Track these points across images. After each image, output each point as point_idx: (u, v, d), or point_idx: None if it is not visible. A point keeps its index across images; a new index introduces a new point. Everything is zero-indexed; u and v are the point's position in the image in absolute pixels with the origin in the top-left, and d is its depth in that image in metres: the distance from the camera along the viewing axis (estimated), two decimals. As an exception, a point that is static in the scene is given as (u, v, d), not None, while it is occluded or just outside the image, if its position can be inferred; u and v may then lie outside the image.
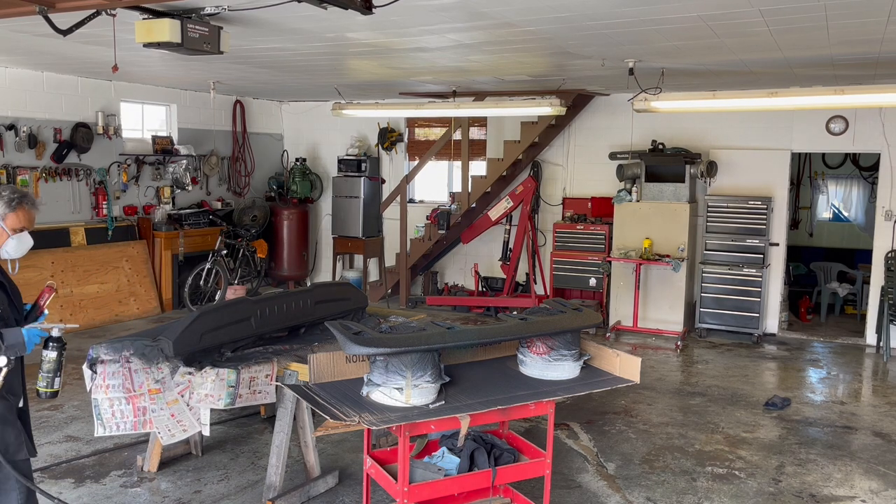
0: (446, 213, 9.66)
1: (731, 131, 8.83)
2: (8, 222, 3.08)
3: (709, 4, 4.25)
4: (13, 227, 3.09)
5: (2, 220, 3.07)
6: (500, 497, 4.03)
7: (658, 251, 8.51)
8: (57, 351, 3.08)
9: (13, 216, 3.08)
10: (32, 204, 3.15)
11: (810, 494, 4.60)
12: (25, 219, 3.12)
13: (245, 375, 4.08)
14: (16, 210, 3.08)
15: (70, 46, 6.08)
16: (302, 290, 4.89)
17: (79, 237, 8.63)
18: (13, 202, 3.07)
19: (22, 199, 3.10)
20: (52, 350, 3.08)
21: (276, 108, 11.48)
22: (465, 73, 7.30)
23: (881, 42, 5.27)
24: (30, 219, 3.15)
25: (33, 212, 3.15)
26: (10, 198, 3.08)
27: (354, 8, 4.01)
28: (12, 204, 3.07)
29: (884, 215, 8.29)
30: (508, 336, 3.84)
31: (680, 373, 7.25)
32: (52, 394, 3.14)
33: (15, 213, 3.08)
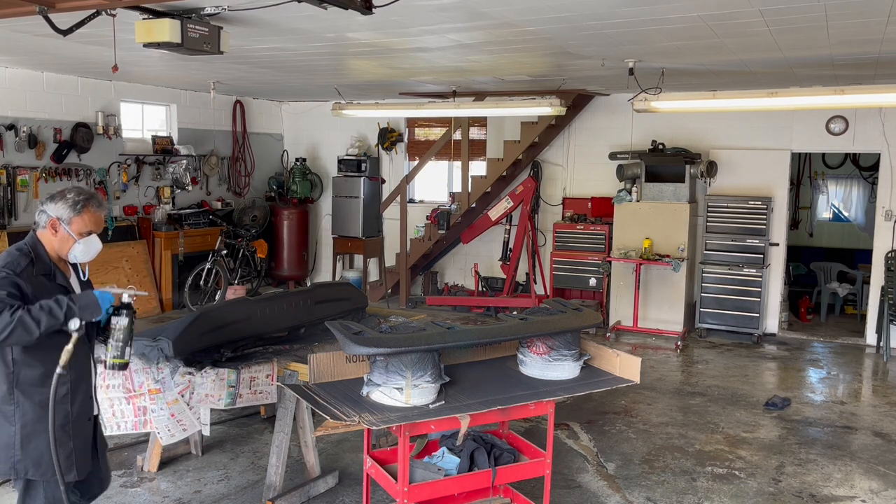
0: (446, 213, 9.66)
1: (731, 131, 8.83)
2: (74, 227, 2.91)
3: (709, 4, 4.25)
4: (79, 231, 2.93)
5: (67, 224, 2.91)
6: (500, 497, 4.03)
7: (658, 251, 8.51)
8: (128, 318, 2.91)
9: (79, 220, 2.92)
10: (99, 204, 2.98)
11: (810, 494, 4.60)
12: (92, 221, 2.96)
13: (245, 375, 4.09)
14: (81, 213, 2.92)
15: (70, 46, 6.08)
16: (302, 290, 4.89)
17: (79, 237, 8.62)
18: (78, 205, 2.91)
19: (88, 200, 2.94)
20: (123, 317, 2.91)
21: (276, 108, 11.48)
22: (465, 73, 7.30)
23: (881, 42, 5.26)
24: (97, 221, 2.98)
25: (100, 213, 2.99)
26: (76, 200, 2.92)
27: (354, 8, 4.01)
28: (77, 207, 2.91)
29: (884, 215, 8.29)
30: (508, 336, 3.84)
31: (680, 373, 7.25)
32: (122, 365, 2.96)
33: (81, 217, 2.92)
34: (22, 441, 2.85)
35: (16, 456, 2.85)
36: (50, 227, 2.91)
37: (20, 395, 2.84)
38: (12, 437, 2.85)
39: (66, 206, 2.90)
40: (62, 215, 2.90)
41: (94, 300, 2.80)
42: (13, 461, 2.85)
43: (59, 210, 2.91)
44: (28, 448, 2.85)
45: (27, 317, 2.66)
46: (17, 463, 2.85)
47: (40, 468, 2.88)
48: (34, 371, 2.85)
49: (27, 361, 2.84)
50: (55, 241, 2.92)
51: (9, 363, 2.84)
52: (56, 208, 2.91)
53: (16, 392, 2.84)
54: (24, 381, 2.85)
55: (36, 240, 2.93)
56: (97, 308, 2.80)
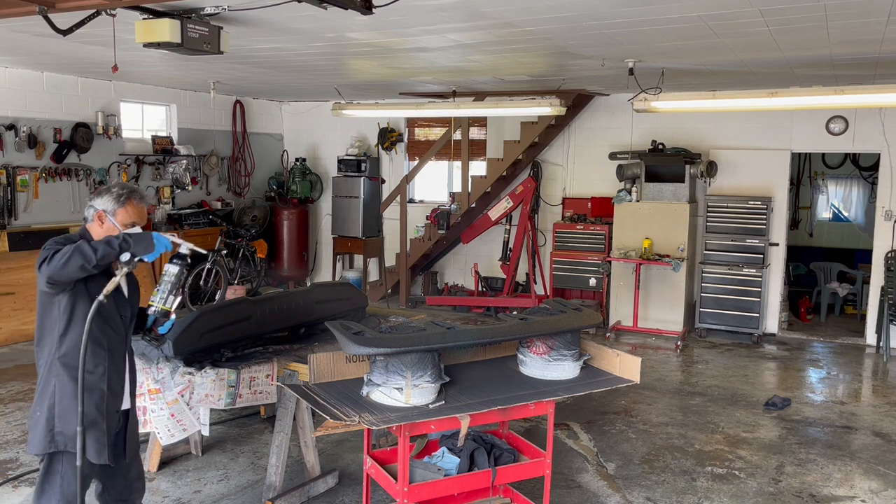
0: (446, 213, 9.66)
1: (731, 131, 8.83)
2: (118, 218, 3.05)
3: (709, 4, 4.25)
4: (124, 222, 3.05)
5: (112, 216, 3.04)
6: (500, 497, 4.03)
7: (658, 251, 8.52)
8: (179, 267, 3.02)
9: (123, 212, 3.05)
10: (141, 198, 3.12)
11: (810, 494, 4.60)
12: (136, 213, 3.09)
13: (245, 375, 4.08)
14: (125, 205, 3.05)
15: (70, 46, 6.08)
16: (302, 290, 4.88)
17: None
18: (122, 197, 3.05)
19: (131, 193, 3.08)
20: (174, 265, 3.01)
21: (276, 108, 11.48)
22: (465, 73, 7.30)
23: (881, 42, 5.27)
24: (140, 214, 3.11)
25: (143, 206, 3.12)
26: (119, 193, 3.06)
27: (354, 8, 4.01)
28: (121, 199, 3.05)
29: (884, 215, 8.29)
30: (508, 336, 3.84)
31: (680, 373, 7.25)
32: (164, 312, 3.03)
33: (124, 209, 3.05)
34: (60, 415, 2.94)
35: (56, 428, 2.94)
36: (97, 220, 3.05)
37: (60, 369, 2.94)
38: (52, 410, 2.94)
39: (110, 199, 3.04)
40: (107, 207, 3.04)
41: (149, 238, 2.91)
42: (53, 434, 2.94)
43: (104, 203, 3.05)
44: (65, 422, 2.94)
45: (85, 245, 2.80)
46: (57, 435, 2.94)
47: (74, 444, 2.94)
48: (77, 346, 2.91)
49: (73, 336, 2.94)
50: (102, 233, 3.04)
51: (56, 341, 2.95)
52: (102, 202, 3.05)
53: (57, 365, 2.95)
54: (67, 355, 2.95)
55: (85, 230, 3.08)
56: (151, 245, 2.90)
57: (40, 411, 2.97)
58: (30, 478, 4.62)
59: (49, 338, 2.97)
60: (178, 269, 3.01)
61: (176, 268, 3.01)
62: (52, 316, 2.95)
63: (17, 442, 5.19)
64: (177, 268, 3.01)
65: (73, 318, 2.93)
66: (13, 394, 6.21)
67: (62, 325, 2.94)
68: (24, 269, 7.99)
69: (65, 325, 2.94)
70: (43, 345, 2.99)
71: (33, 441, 2.98)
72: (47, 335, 2.98)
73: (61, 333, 2.94)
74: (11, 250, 7.94)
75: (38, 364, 3.03)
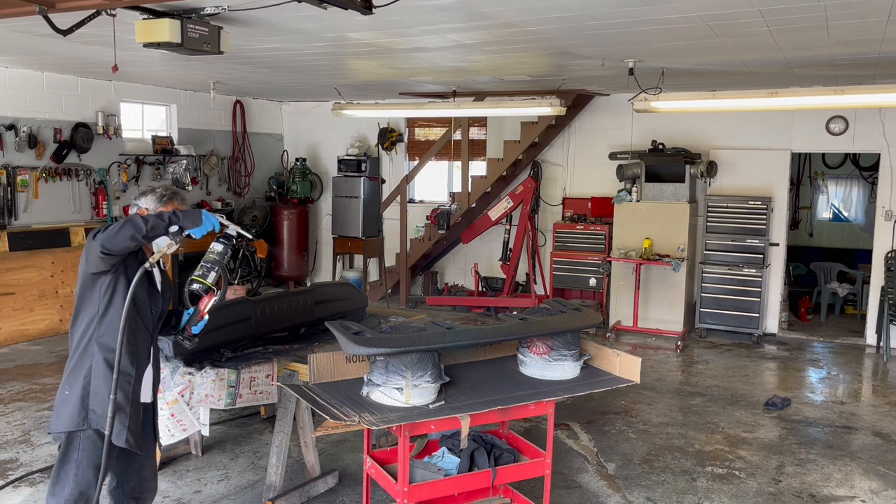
0: (446, 213, 9.66)
1: (731, 131, 8.83)
2: None
3: (709, 4, 4.25)
4: None
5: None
6: (500, 497, 4.03)
7: (658, 251, 8.52)
8: (224, 247, 3.08)
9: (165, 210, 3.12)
10: (183, 200, 3.22)
11: (810, 494, 4.60)
12: None
13: (245, 375, 4.08)
14: (167, 205, 3.14)
15: (70, 46, 6.08)
16: (302, 290, 4.88)
17: (79, 237, 8.63)
18: (164, 197, 3.15)
19: (174, 195, 3.19)
20: (220, 244, 3.08)
21: (276, 108, 11.48)
22: (465, 73, 7.30)
23: (881, 42, 5.27)
24: None
25: (184, 207, 3.19)
26: (162, 194, 3.17)
27: (354, 8, 4.01)
28: (163, 199, 3.15)
29: (884, 215, 8.29)
30: (508, 336, 3.84)
31: (680, 373, 7.25)
32: (204, 288, 3.06)
33: (166, 208, 3.13)
34: (93, 392, 3.00)
35: (90, 405, 3.00)
36: None
37: (97, 351, 3.01)
38: (87, 388, 3.01)
39: (154, 198, 3.15)
40: (150, 206, 3.13)
41: (198, 213, 2.99)
42: (87, 410, 3.00)
43: (147, 202, 3.15)
44: (97, 399, 2.99)
45: (137, 216, 2.90)
46: (91, 413, 3.00)
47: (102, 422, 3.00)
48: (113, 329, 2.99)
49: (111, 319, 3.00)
50: None
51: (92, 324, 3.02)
52: (145, 201, 3.16)
53: (94, 345, 3.02)
54: (102, 342, 3.02)
55: None
56: (199, 220, 2.97)
57: (70, 389, 3.03)
58: (30, 478, 4.62)
59: (86, 318, 3.04)
60: (223, 248, 3.08)
61: (221, 246, 3.08)
62: (92, 297, 3.02)
63: (17, 442, 5.19)
64: (222, 246, 3.08)
65: (112, 301, 3.01)
66: (13, 394, 6.21)
67: (102, 306, 3.01)
68: (24, 269, 8.00)
69: (105, 307, 3.01)
70: (79, 324, 3.06)
71: (62, 418, 3.01)
72: (84, 315, 3.04)
73: (101, 315, 3.02)
74: (11, 250, 7.94)
75: (71, 344, 3.09)
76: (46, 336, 8.11)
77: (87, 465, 3.01)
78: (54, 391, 6.26)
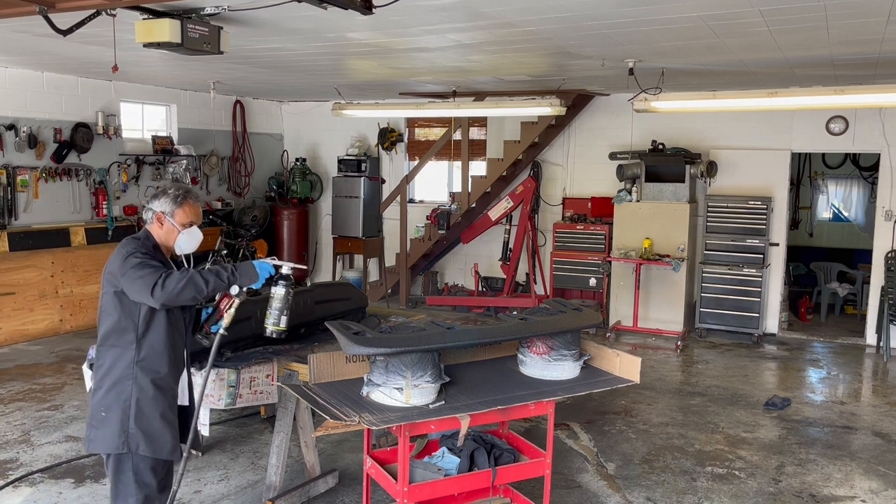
0: (446, 213, 9.66)
1: (731, 131, 8.83)
2: (177, 219, 3.15)
3: (709, 4, 4.25)
4: (182, 222, 3.16)
5: (171, 216, 3.14)
6: (500, 497, 4.03)
7: (658, 251, 8.51)
8: (285, 288, 3.13)
9: (181, 212, 3.15)
10: (196, 198, 3.23)
11: (810, 494, 4.60)
12: (192, 213, 3.20)
13: (245, 375, 4.08)
14: (182, 205, 3.15)
15: (70, 46, 6.08)
16: (302, 290, 4.88)
17: (79, 237, 8.63)
18: (178, 198, 3.15)
19: (186, 194, 3.18)
20: (280, 287, 3.13)
21: (276, 108, 11.48)
22: (465, 73, 7.30)
23: (881, 42, 5.27)
24: (196, 213, 3.22)
25: (198, 205, 3.23)
26: (175, 194, 3.16)
27: (354, 8, 4.01)
28: (178, 200, 3.15)
29: (884, 215, 8.29)
30: (508, 336, 3.83)
31: (680, 373, 7.25)
32: (280, 332, 3.18)
33: (182, 209, 3.15)
34: (136, 415, 3.01)
35: (130, 429, 3.01)
36: (156, 222, 3.16)
37: (139, 372, 3.02)
38: (127, 411, 3.01)
39: (167, 200, 3.15)
40: (165, 209, 3.14)
41: (253, 269, 3.05)
42: (127, 434, 3.01)
43: (162, 205, 3.16)
44: (141, 422, 3.01)
45: (198, 276, 2.93)
46: (131, 437, 3.01)
47: (151, 444, 3.04)
48: (153, 354, 3.04)
49: (151, 341, 3.03)
50: (161, 234, 3.16)
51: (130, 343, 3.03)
52: (159, 203, 3.16)
53: (135, 368, 3.02)
54: (143, 362, 3.04)
55: (147, 233, 3.18)
56: (255, 274, 3.05)
57: (108, 411, 3.02)
58: (30, 478, 4.63)
59: (121, 340, 3.04)
60: (285, 291, 3.14)
61: (283, 290, 3.14)
62: (127, 320, 3.02)
63: (17, 442, 5.19)
64: (283, 289, 3.14)
65: (152, 324, 3.03)
66: (13, 394, 6.21)
67: (142, 327, 3.02)
68: (24, 269, 8.00)
69: (143, 330, 3.02)
70: (110, 345, 3.05)
71: (100, 440, 3.04)
72: (118, 337, 3.04)
73: (140, 336, 3.03)
74: (11, 250, 7.94)
75: (102, 362, 3.07)
76: (46, 336, 8.11)
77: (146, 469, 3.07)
78: (54, 391, 6.26)
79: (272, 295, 3.14)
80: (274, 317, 3.16)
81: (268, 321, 3.17)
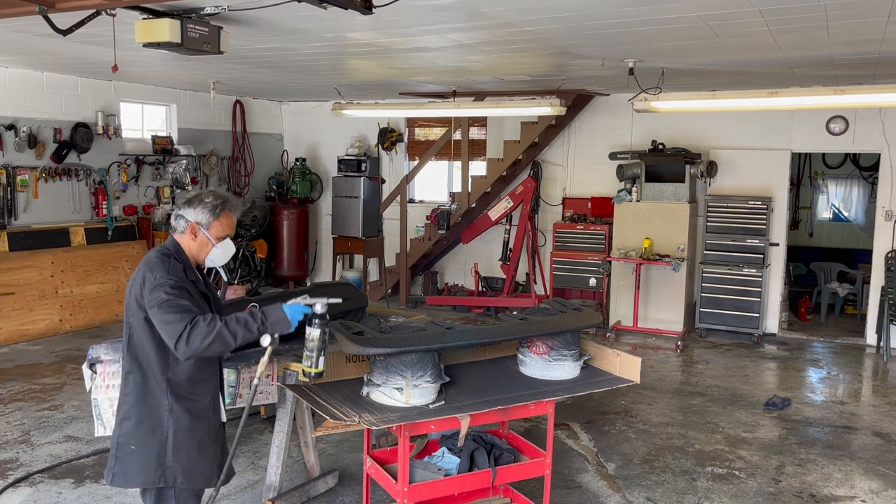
0: (446, 213, 9.66)
1: (731, 131, 8.83)
2: (213, 232, 2.92)
3: (709, 4, 4.25)
4: (218, 235, 2.93)
5: (206, 229, 2.90)
6: (500, 497, 4.03)
7: (658, 251, 8.51)
8: (320, 329, 2.90)
9: (218, 224, 2.92)
10: (234, 207, 2.99)
11: (810, 494, 4.60)
12: (229, 226, 2.97)
13: (245, 375, 4.08)
14: (220, 217, 2.92)
15: (70, 46, 6.08)
16: (302, 290, 4.88)
17: (78, 237, 8.64)
18: (217, 209, 2.91)
19: (224, 204, 2.94)
20: (315, 328, 2.90)
21: (276, 108, 11.48)
22: (465, 73, 7.30)
23: (881, 42, 5.27)
24: (232, 224, 2.99)
25: (235, 216, 2.99)
26: (214, 204, 2.91)
27: (354, 8, 4.01)
28: (216, 211, 2.91)
29: (884, 215, 8.29)
30: (508, 336, 3.84)
31: (680, 373, 7.25)
32: (318, 374, 2.98)
33: (219, 221, 2.92)
34: (174, 449, 2.85)
35: (167, 463, 2.86)
36: (189, 233, 2.90)
37: (174, 403, 2.85)
38: (164, 445, 2.85)
39: (205, 210, 2.90)
40: (201, 220, 2.90)
41: (283, 316, 2.81)
42: (163, 468, 2.86)
43: (198, 215, 2.90)
44: (179, 455, 2.86)
45: (225, 329, 2.68)
46: (168, 470, 2.86)
47: (189, 476, 2.90)
48: (188, 381, 2.88)
49: (182, 372, 2.87)
50: (194, 247, 2.92)
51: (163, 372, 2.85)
52: (195, 213, 2.91)
53: (170, 399, 2.85)
54: (178, 390, 2.87)
55: (177, 244, 2.92)
56: (287, 323, 2.81)
57: (139, 445, 2.85)
58: (30, 478, 4.62)
59: (153, 368, 2.84)
60: (320, 332, 2.91)
61: (317, 331, 2.91)
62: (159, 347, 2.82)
63: (17, 442, 5.19)
64: (318, 331, 2.91)
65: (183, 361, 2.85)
66: (13, 394, 6.21)
67: (171, 360, 2.84)
68: (24, 268, 8.00)
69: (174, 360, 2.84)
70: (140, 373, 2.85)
71: (135, 475, 2.87)
72: (149, 364, 2.84)
73: (173, 366, 2.85)
74: (11, 250, 7.94)
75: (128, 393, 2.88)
76: (46, 336, 8.11)
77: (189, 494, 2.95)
78: (54, 391, 6.26)
79: (308, 336, 2.91)
80: (310, 359, 2.93)
81: (304, 363, 2.95)
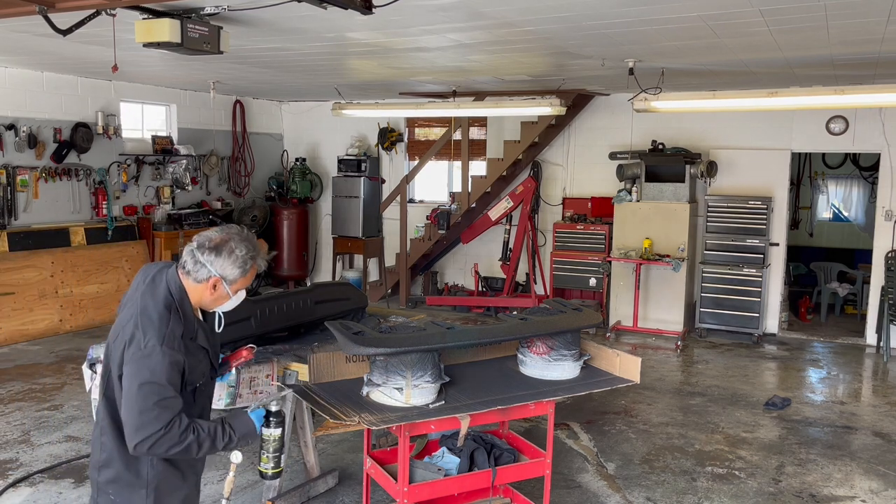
0: (446, 213, 9.66)
1: (731, 131, 8.83)
2: (235, 287, 2.63)
3: (709, 4, 4.25)
4: (237, 290, 2.65)
5: (229, 285, 2.60)
6: (500, 497, 4.03)
7: (658, 251, 8.51)
8: (280, 427, 2.74)
9: (243, 280, 2.64)
10: (262, 257, 2.69)
11: (810, 494, 4.60)
12: (252, 278, 2.70)
13: (245, 375, 4.08)
14: (247, 274, 2.63)
15: (70, 46, 6.08)
16: (302, 290, 4.88)
17: (78, 237, 8.64)
18: (247, 264, 2.60)
19: (255, 258, 2.63)
20: (275, 427, 2.73)
21: (276, 108, 11.48)
22: (465, 73, 7.30)
23: (881, 42, 5.27)
24: (253, 276, 2.71)
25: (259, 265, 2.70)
26: (245, 259, 2.59)
27: (354, 8, 4.01)
28: (246, 266, 2.60)
29: (884, 215, 8.29)
30: (508, 336, 3.83)
31: (680, 373, 7.25)
32: (278, 474, 2.85)
33: (245, 278, 2.64)
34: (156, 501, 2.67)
35: None
36: (210, 286, 2.58)
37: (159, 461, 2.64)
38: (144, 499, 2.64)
39: (235, 266, 2.58)
40: (228, 275, 2.58)
41: (251, 427, 2.64)
42: None
43: (224, 268, 2.58)
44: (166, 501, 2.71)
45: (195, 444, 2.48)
46: None
47: None
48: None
49: None
50: (207, 299, 2.62)
51: None
52: (222, 266, 2.57)
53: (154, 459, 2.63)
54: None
55: (183, 291, 2.58)
56: (253, 430, 2.65)
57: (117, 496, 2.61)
58: (30, 478, 4.62)
59: None
60: (280, 431, 2.75)
61: (278, 430, 2.74)
62: None
63: (17, 442, 5.19)
64: (278, 430, 2.74)
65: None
66: (13, 394, 6.21)
67: None
68: (24, 269, 8.00)
69: None
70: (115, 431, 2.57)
71: None
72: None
73: None
74: (11, 250, 7.94)
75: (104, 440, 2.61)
76: (46, 336, 8.11)
77: None
78: (54, 391, 6.26)
79: (266, 438, 2.74)
80: (273, 460, 2.78)
81: (266, 465, 2.79)
